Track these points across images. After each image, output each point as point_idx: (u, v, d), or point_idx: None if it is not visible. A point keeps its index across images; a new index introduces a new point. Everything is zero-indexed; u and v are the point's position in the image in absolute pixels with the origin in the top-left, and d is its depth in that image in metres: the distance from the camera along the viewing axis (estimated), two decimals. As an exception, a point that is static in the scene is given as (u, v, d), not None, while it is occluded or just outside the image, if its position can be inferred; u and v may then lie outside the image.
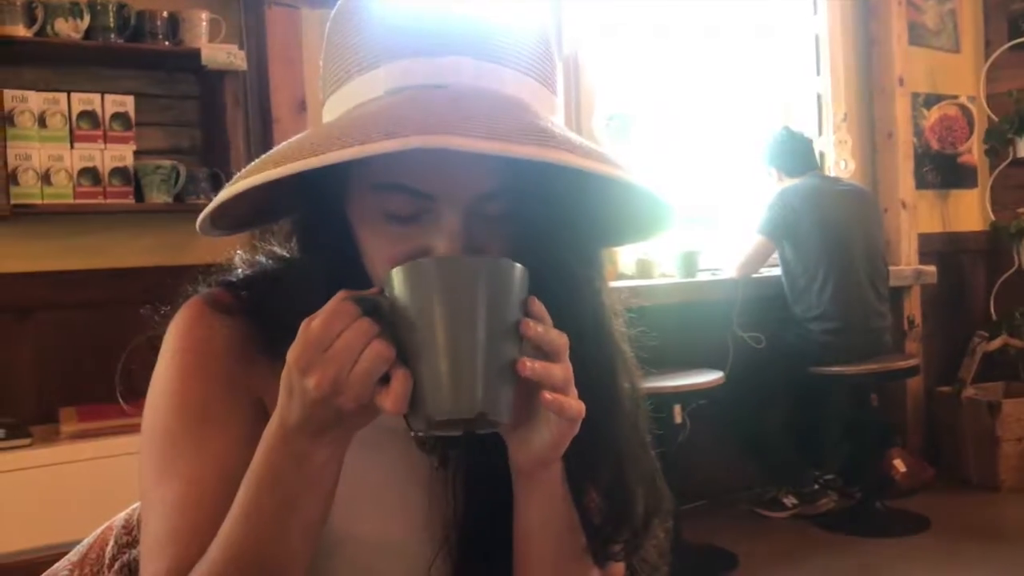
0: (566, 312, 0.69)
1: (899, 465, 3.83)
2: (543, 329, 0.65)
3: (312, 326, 0.62)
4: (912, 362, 3.60)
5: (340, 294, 0.64)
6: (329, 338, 0.62)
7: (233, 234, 0.80)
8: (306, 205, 0.77)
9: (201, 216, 0.72)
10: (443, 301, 0.62)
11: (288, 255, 0.84)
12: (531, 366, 0.64)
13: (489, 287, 0.64)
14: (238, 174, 0.67)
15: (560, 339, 0.66)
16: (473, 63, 0.68)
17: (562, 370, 0.66)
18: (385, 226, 0.71)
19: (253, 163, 0.68)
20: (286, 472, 0.66)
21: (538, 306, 0.66)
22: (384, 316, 0.63)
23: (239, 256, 0.87)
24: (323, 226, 0.75)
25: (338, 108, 0.71)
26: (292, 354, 0.63)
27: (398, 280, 0.64)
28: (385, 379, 0.62)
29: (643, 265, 3.53)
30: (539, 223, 0.73)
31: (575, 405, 0.66)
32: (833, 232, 3.42)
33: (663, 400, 2.89)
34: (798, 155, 3.59)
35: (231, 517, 0.69)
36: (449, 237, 0.69)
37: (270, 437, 0.67)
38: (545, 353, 0.65)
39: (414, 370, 0.62)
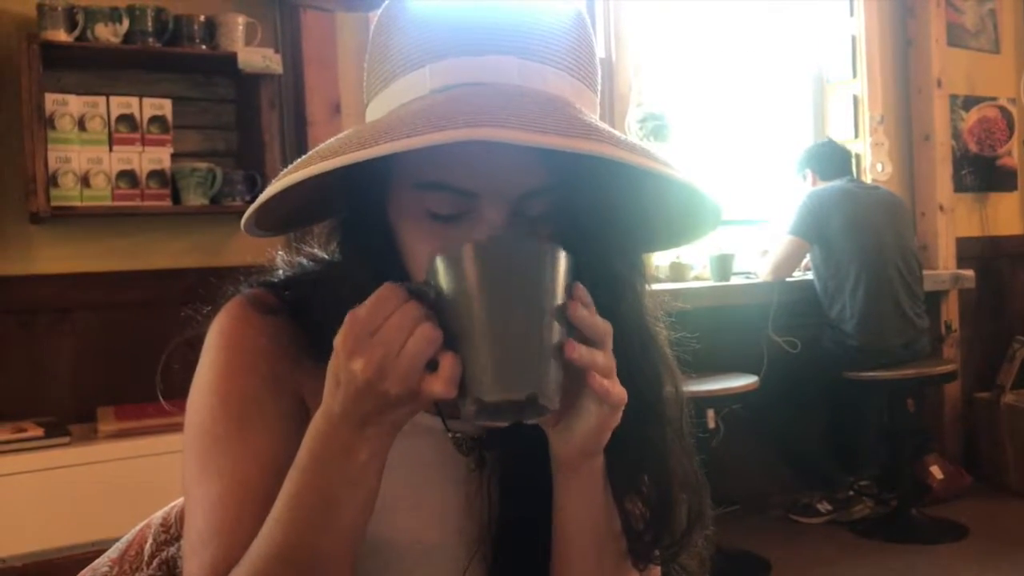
0: (610, 314, 0.68)
1: (936, 472, 3.78)
2: (588, 313, 0.65)
3: (359, 311, 0.62)
4: (950, 367, 3.55)
5: (386, 284, 0.63)
6: (376, 322, 0.61)
7: (274, 235, 0.80)
8: (348, 205, 0.77)
9: (247, 213, 0.72)
10: (489, 282, 0.62)
11: (328, 257, 0.84)
12: (578, 349, 0.63)
13: (535, 268, 0.63)
14: (284, 170, 0.67)
15: (604, 326, 0.66)
16: (517, 62, 0.68)
17: (605, 357, 0.65)
18: (427, 224, 0.71)
19: (299, 159, 0.68)
20: (329, 467, 0.66)
21: (583, 291, 0.66)
22: (429, 303, 0.63)
23: (280, 257, 0.87)
24: (365, 226, 0.75)
25: (382, 108, 0.71)
26: (339, 339, 0.63)
27: (443, 265, 0.63)
28: (432, 367, 0.62)
29: (677, 268, 3.52)
30: (582, 223, 0.72)
31: (619, 391, 0.66)
32: (863, 233, 3.37)
33: (696, 404, 2.82)
34: (835, 161, 3.56)
35: (274, 513, 0.68)
36: (491, 234, 0.69)
37: (315, 430, 0.67)
38: (589, 340, 0.65)
39: (462, 354, 0.61)
